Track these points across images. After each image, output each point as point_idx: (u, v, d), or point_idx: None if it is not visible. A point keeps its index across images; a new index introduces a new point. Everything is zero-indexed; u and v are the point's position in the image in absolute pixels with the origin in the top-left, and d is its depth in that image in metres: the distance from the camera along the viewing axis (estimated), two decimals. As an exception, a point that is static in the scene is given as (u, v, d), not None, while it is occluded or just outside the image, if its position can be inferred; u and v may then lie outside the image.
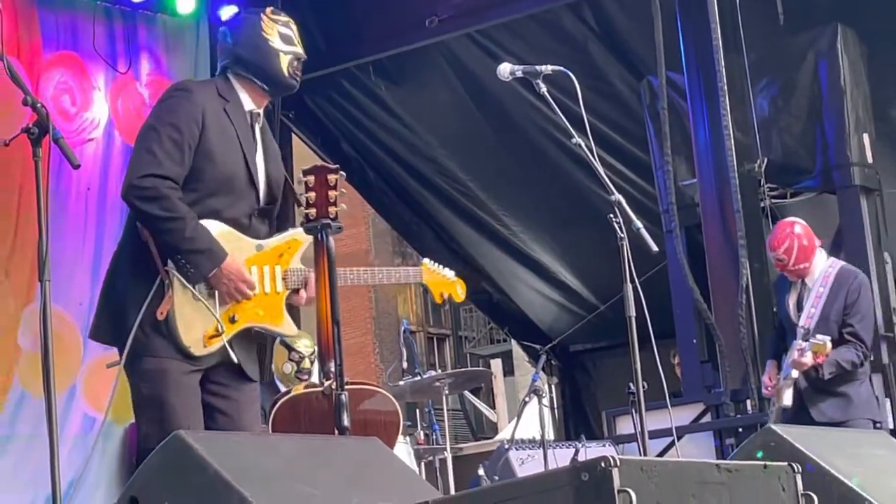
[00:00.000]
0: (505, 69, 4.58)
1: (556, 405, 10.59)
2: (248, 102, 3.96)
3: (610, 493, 2.52)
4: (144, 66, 8.24)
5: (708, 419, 7.36)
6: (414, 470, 5.50)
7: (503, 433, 12.27)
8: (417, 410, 8.88)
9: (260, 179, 3.92)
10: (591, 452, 6.39)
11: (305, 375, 6.59)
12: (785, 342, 6.07)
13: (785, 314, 6.10)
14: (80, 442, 7.35)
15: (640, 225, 4.33)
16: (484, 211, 9.97)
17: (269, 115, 4.21)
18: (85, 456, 7.15)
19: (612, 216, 4.32)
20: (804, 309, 5.97)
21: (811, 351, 5.73)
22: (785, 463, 3.19)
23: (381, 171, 9.97)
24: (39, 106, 3.36)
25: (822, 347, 5.72)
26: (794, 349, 5.84)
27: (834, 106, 7.59)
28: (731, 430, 7.10)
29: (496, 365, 23.05)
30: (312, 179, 3.53)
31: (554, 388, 10.61)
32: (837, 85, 7.57)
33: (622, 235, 4.32)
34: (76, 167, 3.38)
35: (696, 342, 7.78)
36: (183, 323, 3.72)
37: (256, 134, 3.97)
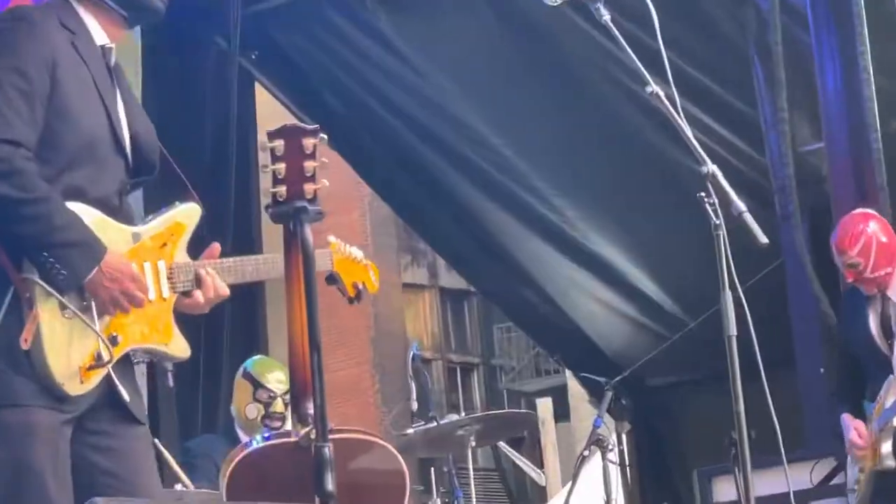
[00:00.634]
0: (553, -12, 4.60)
1: (627, 461, 10.59)
2: (98, 34, 3.93)
3: None
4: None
5: (841, 479, 7.35)
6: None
7: (555, 502, 12.29)
8: (433, 469, 8.88)
9: (126, 142, 3.90)
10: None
11: (277, 422, 6.63)
12: (863, 381, 6.07)
13: (863, 341, 6.09)
14: None
15: (743, 208, 4.31)
16: (525, 189, 9.98)
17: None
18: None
19: (703, 195, 4.31)
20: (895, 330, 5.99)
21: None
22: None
23: (379, 132, 9.98)
24: None
25: None
26: (892, 387, 5.84)
27: None
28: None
29: (544, 406, 23.08)
30: (282, 145, 3.47)
31: (625, 437, 10.61)
32: None
33: (718, 223, 4.31)
34: None
35: (823, 371, 7.77)
36: (53, 351, 3.65)
37: (113, 79, 3.94)
